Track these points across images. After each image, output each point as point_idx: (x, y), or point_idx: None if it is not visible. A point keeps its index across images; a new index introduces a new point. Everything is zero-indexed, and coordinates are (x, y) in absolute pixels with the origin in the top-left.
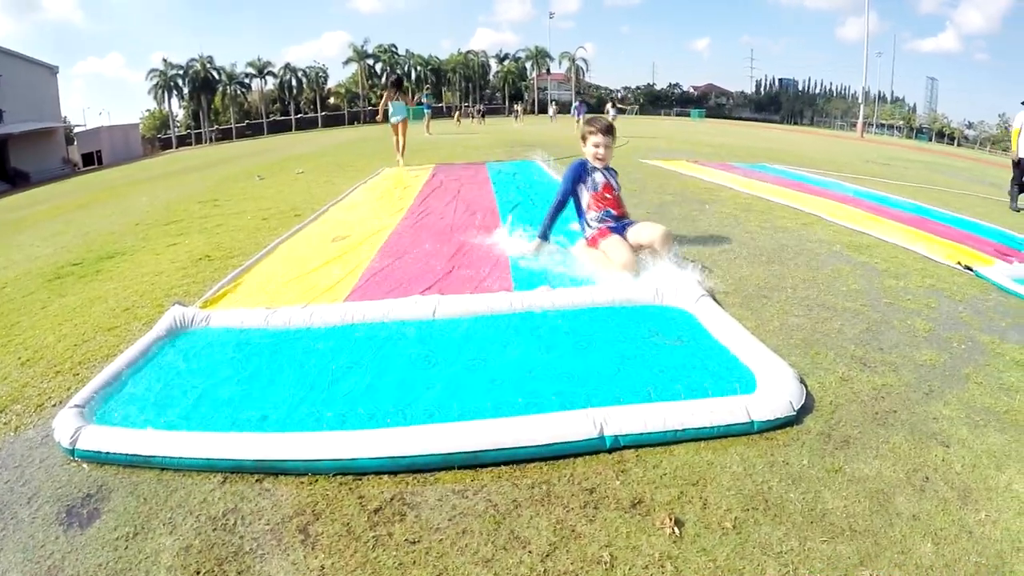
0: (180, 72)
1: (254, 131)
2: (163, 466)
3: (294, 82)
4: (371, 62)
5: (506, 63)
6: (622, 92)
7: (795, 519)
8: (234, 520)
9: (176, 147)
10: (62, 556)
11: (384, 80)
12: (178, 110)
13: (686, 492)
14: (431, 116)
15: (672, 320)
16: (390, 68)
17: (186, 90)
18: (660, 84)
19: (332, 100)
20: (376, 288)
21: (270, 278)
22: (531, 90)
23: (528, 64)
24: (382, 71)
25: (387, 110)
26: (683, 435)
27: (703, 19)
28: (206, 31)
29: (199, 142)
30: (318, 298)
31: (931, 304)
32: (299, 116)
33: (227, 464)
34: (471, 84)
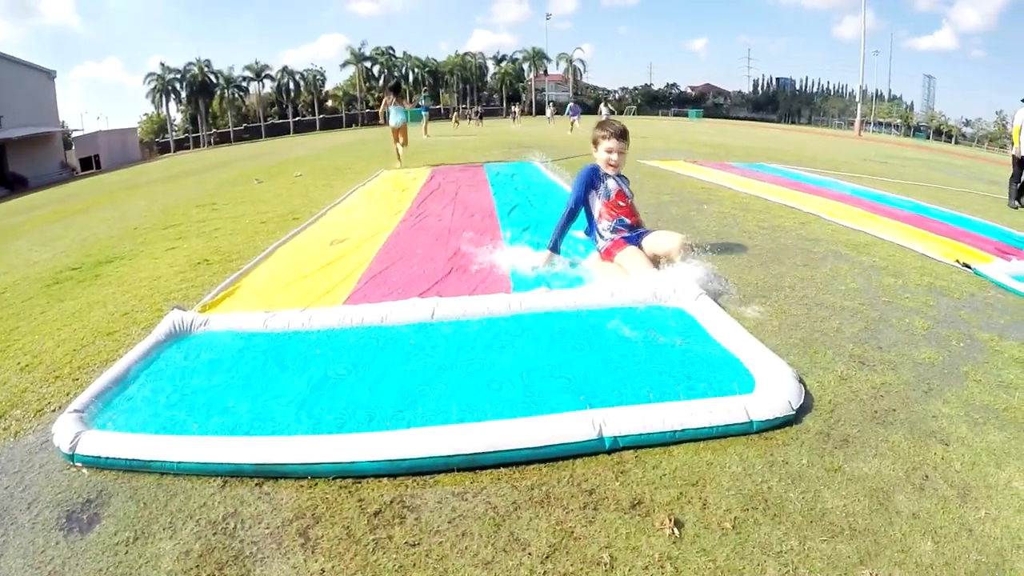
0: (178, 76)
1: (252, 134)
2: (163, 471)
3: (292, 85)
4: (368, 64)
5: (503, 64)
6: (620, 93)
7: (795, 519)
8: (234, 524)
9: (174, 151)
10: (62, 561)
11: (382, 83)
12: (176, 114)
13: (685, 492)
14: (429, 118)
15: (671, 320)
16: (387, 70)
17: (184, 94)
18: (657, 84)
19: (330, 103)
20: (374, 291)
21: (269, 282)
22: (529, 91)
23: (525, 65)
24: (379, 73)
25: (387, 113)
26: (682, 435)
27: (700, 19)
28: (203, 35)
29: (197, 146)
30: (317, 301)
31: (930, 302)
32: (297, 119)
33: (227, 468)
34: (469, 86)
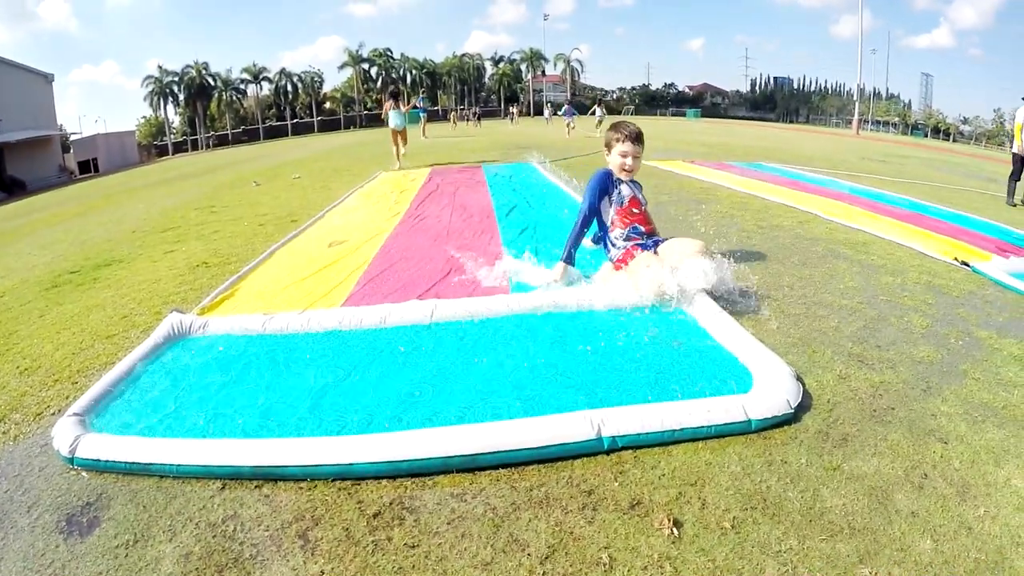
0: (176, 79)
1: (250, 137)
2: (162, 474)
3: (290, 87)
4: (366, 66)
5: (501, 65)
6: (618, 93)
7: (794, 518)
8: (234, 526)
9: (172, 154)
10: (62, 564)
11: (380, 84)
12: (174, 117)
13: (684, 492)
14: (427, 119)
15: (669, 320)
16: (385, 72)
17: (182, 97)
18: (655, 84)
19: (328, 105)
20: (373, 292)
21: (267, 284)
22: (526, 92)
23: (523, 66)
24: (377, 75)
25: (387, 117)
26: (680, 435)
27: (697, 19)
28: (201, 38)
29: (195, 148)
30: (315, 303)
31: (928, 300)
32: (295, 121)
33: (226, 471)
34: (466, 87)
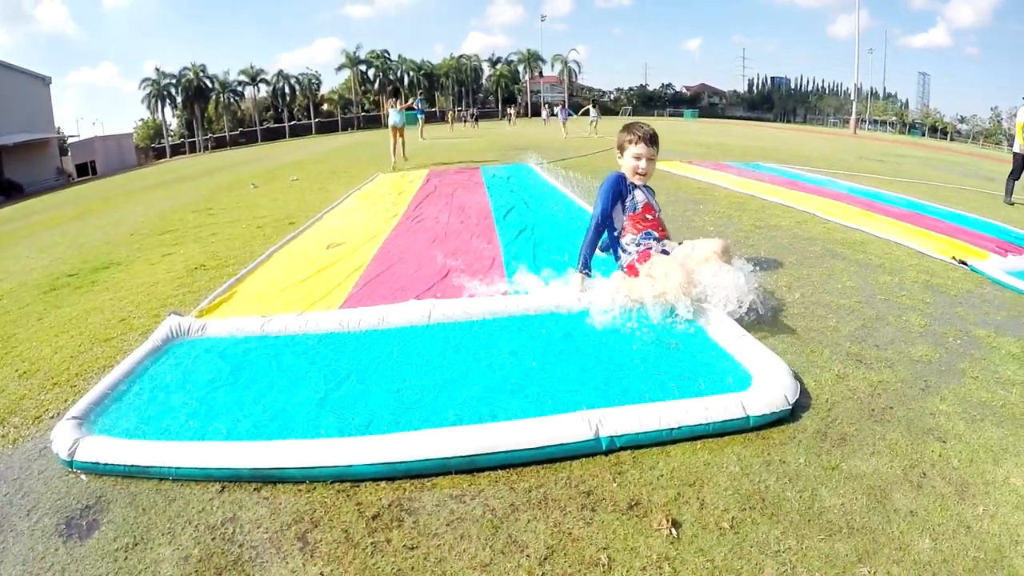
0: (173, 81)
1: (248, 139)
2: (161, 476)
3: (287, 89)
4: (364, 68)
5: (498, 67)
6: (615, 93)
7: (792, 518)
8: (233, 529)
9: (170, 156)
10: (62, 568)
11: (377, 86)
12: (172, 119)
13: (683, 493)
14: (425, 121)
15: (667, 320)
16: (383, 73)
17: (179, 99)
18: (653, 85)
19: (325, 107)
20: (371, 294)
21: (266, 286)
22: (524, 93)
23: (521, 67)
24: (375, 77)
25: (387, 115)
26: (679, 433)
27: (695, 20)
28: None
29: (193, 151)
30: (314, 305)
31: (926, 299)
32: (293, 123)
33: (225, 473)
34: (464, 88)
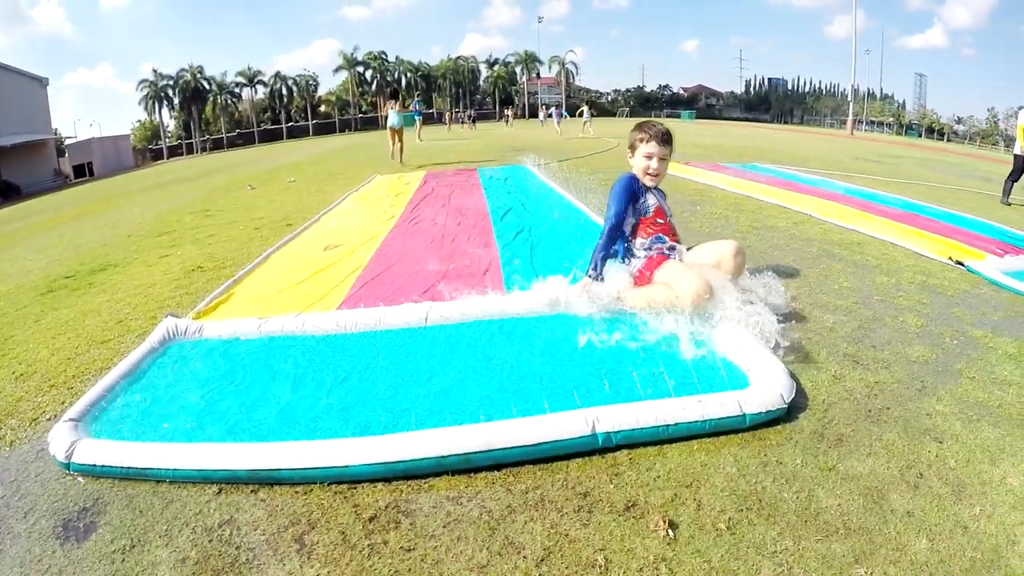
0: (170, 82)
1: (245, 140)
2: (159, 478)
3: (284, 91)
4: (361, 69)
5: (496, 68)
6: (612, 95)
7: (789, 518)
8: (230, 531)
9: (167, 157)
10: (59, 570)
11: (374, 87)
12: (169, 120)
13: (680, 494)
14: (422, 122)
15: (664, 320)
16: (380, 75)
17: (177, 100)
18: (650, 86)
19: (323, 108)
20: (369, 296)
21: (263, 288)
22: (521, 95)
23: (518, 69)
24: (372, 78)
25: (386, 116)
26: (675, 430)
27: (692, 21)
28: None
29: (190, 152)
30: (311, 307)
31: (923, 300)
32: (290, 125)
33: (222, 475)
34: (461, 90)
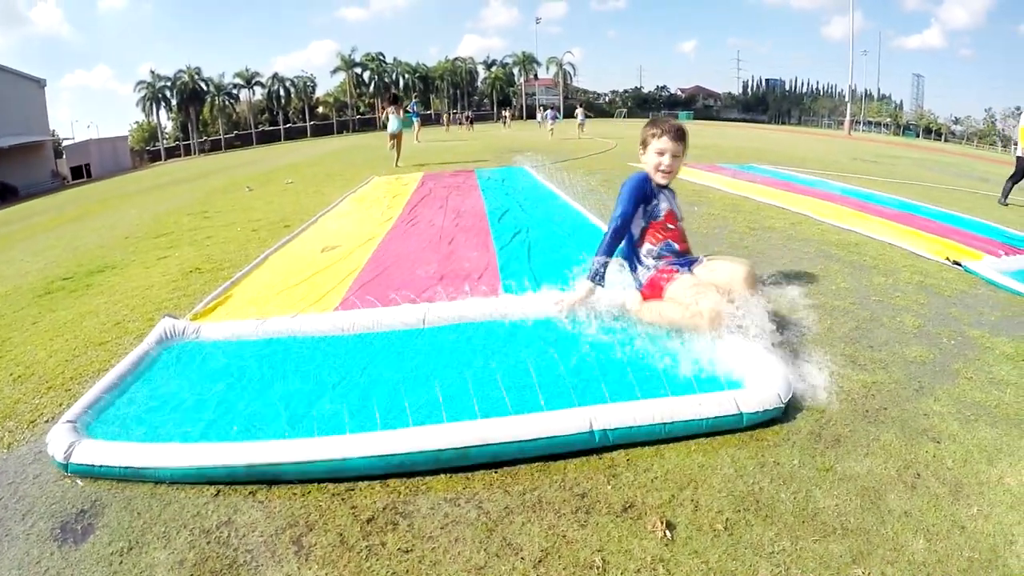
0: (168, 84)
1: (243, 142)
2: (157, 477)
3: (282, 92)
4: (359, 71)
5: (493, 69)
6: (611, 95)
7: (787, 519)
8: (228, 533)
9: (165, 159)
10: (57, 572)
11: (372, 89)
12: (166, 122)
13: (677, 495)
14: (420, 124)
15: None
16: (378, 76)
17: (174, 102)
18: (647, 87)
19: (321, 109)
20: (366, 297)
21: (261, 289)
22: (519, 96)
23: (516, 70)
24: (370, 80)
25: (385, 120)
26: (672, 429)
27: (689, 22)
28: (194, 43)
29: (188, 153)
30: (309, 308)
31: (920, 300)
32: (288, 126)
33: (220, 472)
34: (459, 91)
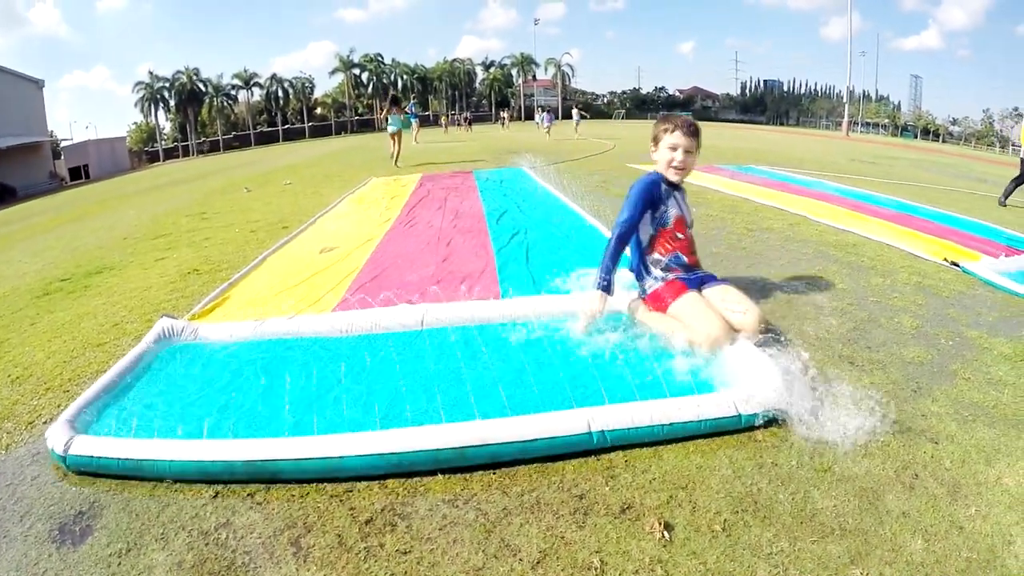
0: (166, 84)
1: (241, 143)
2: (155, 471)
3: (280, 93)
4: (357, 72)
5: (492, 70)
6: (609, 96)
7: (785, 520)
8: (226, 534)
9: (163, 160)
10: (55, 574)
11: (370, 90)
12: (165, 123)
13: (675, 496)
14: (419, 125)
15: None
16: (376, 77)
17: (173, 102)
18: (646, 88)
19: (319, 110)
20: (365, 298)
21: (259, 290)
22: (517, 97)
23: (514, 71)
24: (368, 80)
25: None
26: (670, 430)
27: (688, 23)
28: (192, 43)
29: (186, 154)
30: (307, 309)
31: (918, 301)
32: (286, 127)
33: (218, 467)
34: (457, 92)
